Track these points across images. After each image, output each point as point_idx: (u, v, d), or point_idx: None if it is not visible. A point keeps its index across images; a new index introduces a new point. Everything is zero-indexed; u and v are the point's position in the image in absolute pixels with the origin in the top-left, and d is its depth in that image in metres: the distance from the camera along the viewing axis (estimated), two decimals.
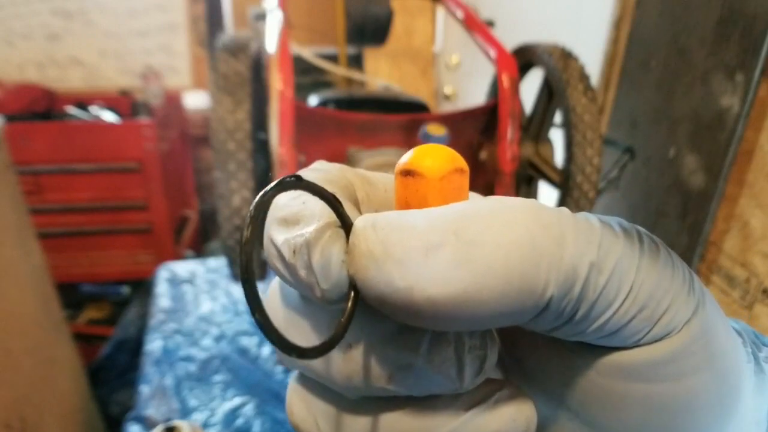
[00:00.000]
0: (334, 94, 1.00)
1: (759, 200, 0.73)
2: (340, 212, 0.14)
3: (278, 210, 0.14)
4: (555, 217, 0.13)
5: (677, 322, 0.14)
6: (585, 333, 0.14)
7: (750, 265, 0.74)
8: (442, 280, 0.12)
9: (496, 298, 0.12)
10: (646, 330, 0.14)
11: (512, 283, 0.12)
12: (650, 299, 0.13)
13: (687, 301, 0.14)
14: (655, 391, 0.14)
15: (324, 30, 1.61)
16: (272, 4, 0.86)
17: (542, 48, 0.83)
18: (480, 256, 0.12)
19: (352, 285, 0.13)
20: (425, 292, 0.12)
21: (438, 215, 0.13)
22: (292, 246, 0.13)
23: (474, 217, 0.13)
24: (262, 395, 0.85)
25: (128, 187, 1.74)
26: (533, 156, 0.86)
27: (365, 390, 0.14)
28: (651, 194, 0.96)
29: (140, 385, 0.87)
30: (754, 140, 0.74)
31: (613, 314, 0.13)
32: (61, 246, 1.72)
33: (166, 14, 2.09)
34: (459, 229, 0.12)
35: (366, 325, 0.14)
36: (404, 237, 0.12)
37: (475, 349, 0.14)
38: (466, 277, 0.12)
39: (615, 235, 0.14)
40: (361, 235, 0.13)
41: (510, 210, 0.13)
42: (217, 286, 1.15)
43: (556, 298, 0.13)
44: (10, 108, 1.80)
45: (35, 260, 1.03)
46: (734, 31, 0.76)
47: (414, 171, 0.15)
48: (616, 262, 0.13)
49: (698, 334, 0.14)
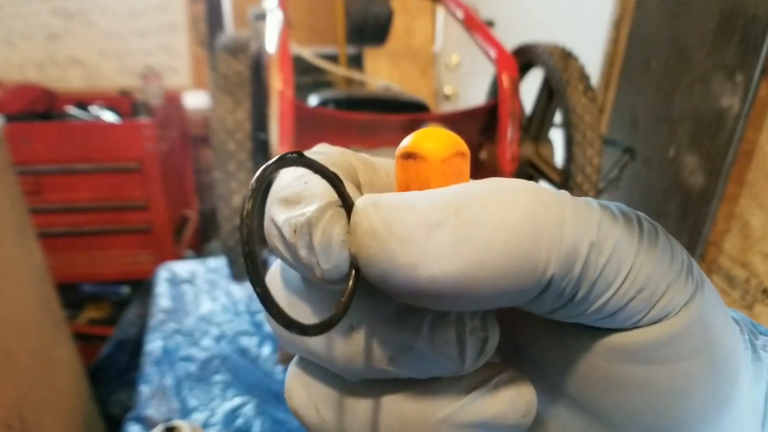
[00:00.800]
0: (334, 94, 1.00)
1: (759, 200, 0.73)
2: (342, 192, 0.14)
3: (280, 190, 0.14)
4: (555, 197, 0.13)
5: (675, 305, 0.14)
6: (584, 314, 0.14)
7: (750, 265, 0.74)
8: (443, 258, 0.12)
9: (498, 276, 0.12)
10: (645, 311, 0.14)
11: (513, 262, 0.12)
12: (649, 281, 0.14)
13: (685, 284, 0.14)
14: (653, 373, 0.14)
15: (324, 30, 1.61)
16: (272, 4, 0.86)
17: (542, 48, 0.83)
18: (480, 235, 0.12)
19: (353, 265, 0.13)
20: (428, 270, 0.12)
21: (439, 195, 0.13)
22: (293, 225, 0.13)
23: (474, 197, 0.13)
24: (262, 395, 0.85)
25: (128, 187, 1.74)
26: (533, 156, 0.86)
27: (366, 372, 0.14)
28: (651, 194, 0.96)
29: (140, 385, 0.87)
30: (754, 140, 0.74)
31: (612, 295, 0.13)
32: (61, 246, 1.72)
33: (166, 14, 2.09)
34: (459, 208, 0.12)
35: (367, 306, 0.14)
36: (406, 216, 0.13)
37: (477, 331, 0.14)
38: (468, 256, 0.12)
39: (614, 217, 0.14)
40: (363, 213, 0.13)
41: (510, 190, 0.13)
42: (217, 286, 1.15)
43: (557, 278, 0.13)
44: (10, 108, 1.80)
45: (35, 260, 1.03)
46: (734, 31, 0.76)
47: (415, 154, 0.15)
48: (615, 242, 0.13)
49: (696, 317, 0.14)
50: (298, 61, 0.82)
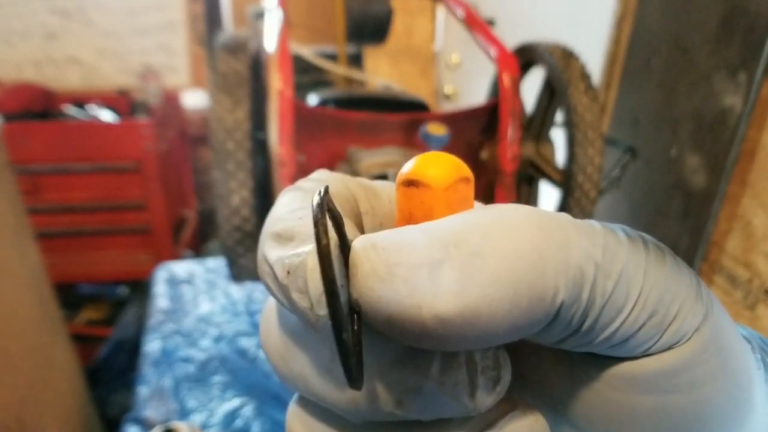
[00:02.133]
0: (334, 94, 1.00)
1: (761, 200, 0.73)
2: (342, 231, 0.13)
3: (273, 223, 0.14)
4: (556, 221, 0.13)
5: (687, 329, 0.13)
6: (594, 343, 0.13)
7: (752, 266, 0.74)
8: (449, 295, 0.12)
9: (507, 309, 0.12)
10: (657, 337, 0.13)
11: (521, 292, 0.12)
12: (659, 304, 0.13)
13: (696, 307, 0.14)
14: (667, 403, 0.14)
15: (324, 29, 1.61)
16: (271, 2, 0.86)
17: (543, 47, 0.83)
18: (485, 267, 0.12)
19: (354, 310, 0.13)
20: (434, 310, 0.12)
21: (436, 229, 0.12)
22: (286, 266, 0.13)
23: (474, 228, 0.12)
24: (261, 396, 0.85)
25: (126, 187, 1.74)
26: (534, 155, 0.86)
27: (371, 415, 0.14)
28: (653, 194, 0.95)
29: (139, 386, 0.87)
30: (756, 140, 0.74)
31: (623, 321, 0.13)
32: (59, 246, 1.72)
33: (164, 13, 2.08)
34: (459, 241, 0.12)
35: (371, 348, 0.13)
36: (407, 255, 0.12)
37: (488, 370, 0.13)
38: (474, 291, 0.12)
39: (618, 239, 0.13)
40: (363, 256, 0.12)
41: (510, 218, 0.12)
42: (215, 286, 1.15)
43: (566, 305, 0.12)
44: (8, 107, 1.79)
45: (33, 260, 1.02)
46: (737, 30, 0.76)
47: (418, 181, 0.14)
48: (622, 266, 0.13)
49: (709, 341, 0.14)
50: (297, 60, 0.82)
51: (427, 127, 0.68)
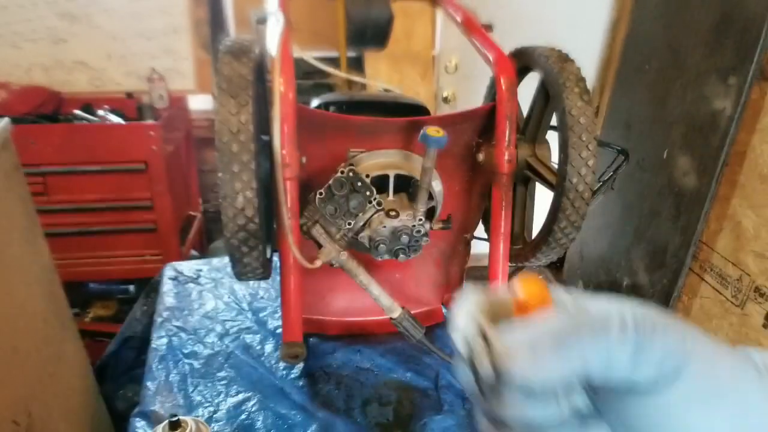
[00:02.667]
0: (335, 97, 1.02)
1: (751, 201, 0.75)
2: (485, 333, 0.25)
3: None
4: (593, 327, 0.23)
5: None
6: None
7: (742, 265, 0.76)
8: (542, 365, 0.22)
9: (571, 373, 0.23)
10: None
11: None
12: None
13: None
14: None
15: (325, 33, 1.63)
16: (273, 7, 0.87)
17: (539, 51, 0.84)
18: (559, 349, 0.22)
19: (496, 370, 0.24)
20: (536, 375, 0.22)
21: (534, 328, 0.23)
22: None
23: (554, 329, 0.23)
24: (265, 391, 0.87)
25: (134, 188, 1.76)
26: (530, 157, 0.87)
27: None
28: (645, 195, 0.97)
29: (146, 381, 0.89)
30: (746, 142, 0.76)
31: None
32: (68, 245, 1.74)
33: (168, 17, 2.11)
34: (547, 332, 0.23)
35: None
36: (518, 344, 0.23)
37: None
38: (550, 362, 0.22)
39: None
40: (496, 344, 0.24)
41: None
42: (221, 284, 1.17)
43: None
44: (18, 110, 1.82)
45: (43, 259, 1.05)
46: (729, 36, 0.77)
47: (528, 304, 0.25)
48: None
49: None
50: (299, 64, 0.84)
51: (427, 130, 0.70)
